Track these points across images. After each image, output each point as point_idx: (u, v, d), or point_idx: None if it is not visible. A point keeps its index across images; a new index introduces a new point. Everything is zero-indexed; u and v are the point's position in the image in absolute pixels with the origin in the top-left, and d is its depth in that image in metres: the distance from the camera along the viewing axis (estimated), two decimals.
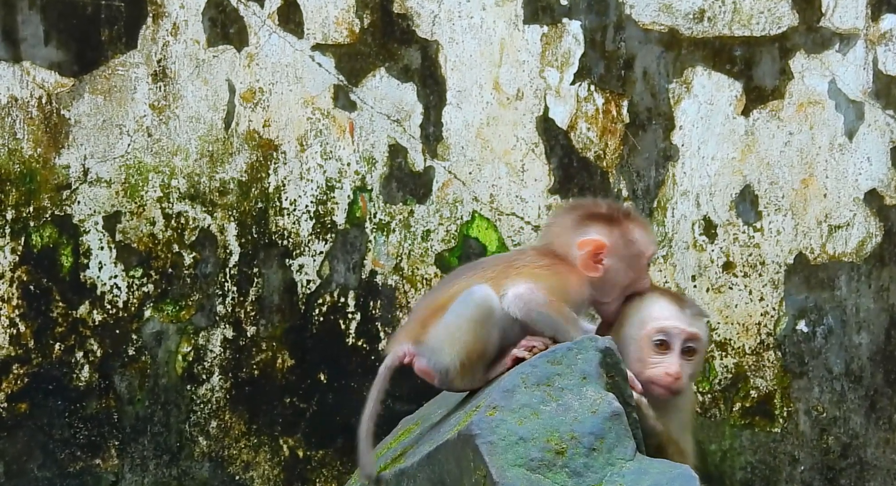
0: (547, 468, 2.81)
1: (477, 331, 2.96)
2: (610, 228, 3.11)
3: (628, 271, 3.10)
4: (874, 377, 4.03)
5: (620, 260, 3.09)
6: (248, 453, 4.11)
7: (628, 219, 3.14)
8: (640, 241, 3.12)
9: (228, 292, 4.13)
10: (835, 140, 4.06)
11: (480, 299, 2.97)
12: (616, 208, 3.15)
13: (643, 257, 3.13)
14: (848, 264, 4.05)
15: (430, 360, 3.01)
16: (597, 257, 3.08)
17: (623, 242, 3.10)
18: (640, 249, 3.12)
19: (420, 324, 3.06)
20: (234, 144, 4.13)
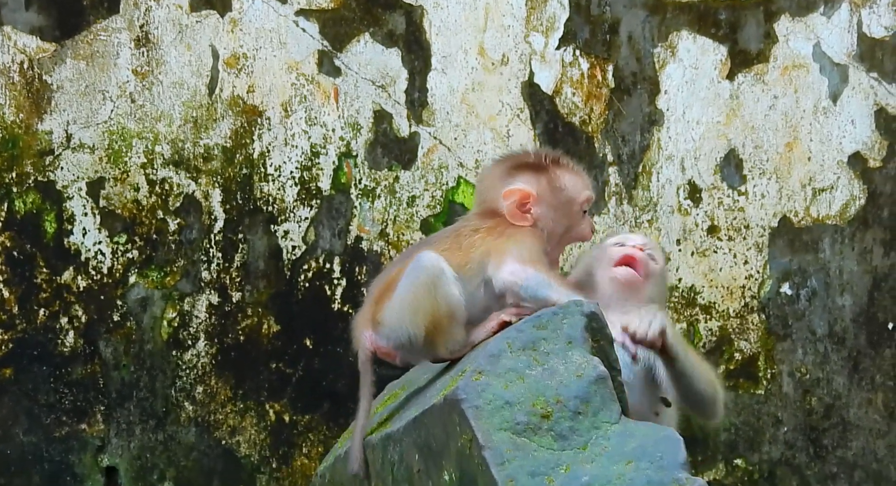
0: (533, 431, 2.81)
1: (435, 297, 2.94)
2: (536, 177, 3.04)
3: (562, 219, 3.04)
4: (857, 339, 4.05)
5: (550, 208, 3.03)
6: (235, 418, 4.12)
7: (556, 166, 3.05)
8: (570, 187, 3.04)
9: (213, 258, 4.12)
10: (819, 103, 4.07)
11: (429, 265, 2.94)
12: (543, 156, 3.07)
13: (574, 203, 3.05)
14: (832, 226, 4.06)
15: (390, 339, 2.99)
16: (524, 207, 3.02)
17: (550, 189, 3.03)
18: (570, 195, 3.04)
19: (374, 305, 3.03)
20: (219, 110, 4.12)
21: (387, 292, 3.00)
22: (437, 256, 2.95)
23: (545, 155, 3.07)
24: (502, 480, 2.75)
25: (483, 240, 3.00)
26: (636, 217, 4.07)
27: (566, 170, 3.05)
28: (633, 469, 2.76)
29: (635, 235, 3.27)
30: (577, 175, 3.06)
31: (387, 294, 2.99)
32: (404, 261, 3.04)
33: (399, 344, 2.99)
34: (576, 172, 3.06)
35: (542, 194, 3.02)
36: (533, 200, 3.02)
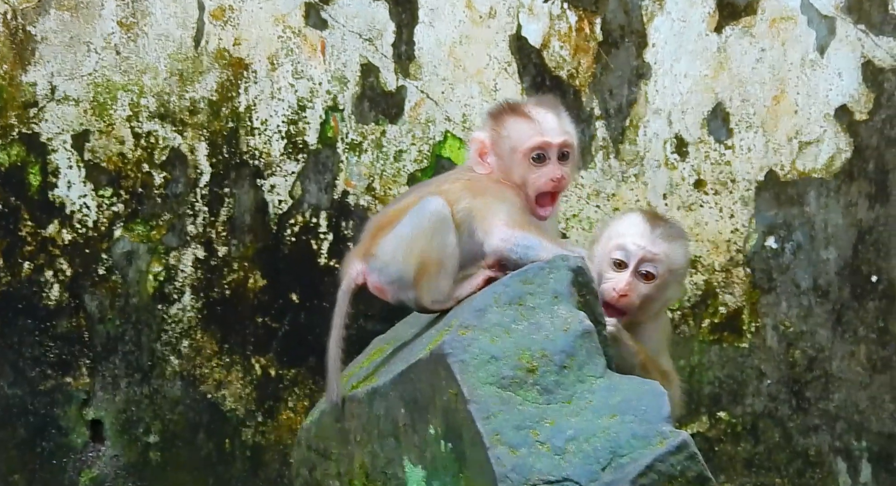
0: (518, 385, 2.83)
1: (432, 242, 2.95)
2: (493, 124, 2.99)
3: (510, 169, 2.96)
4: (841, 292, 4.07)
5: (499, 158, 2.98)
6: (220, 372, 4.13)
7: (511, 112, 2.98)
8: (513, 135, 2.96)
9: (199, 212, 4.12)
10: (806, 56, 4.06)
11: (434, 210, 2.95)
12: (507, 103, 3.00)
13: (517, 151, 2.96)
14: (817, 180, 4.07)
15: (382, 273, 3.01)
16: (482, 154, 3.00)
17: (498, 136, 2.98)
18: (512, 144, 2.96)
19: (370, 239, 3.05)
20: (204, 63, 4.09)
21: (385, 228, 3.01)
22: (444, 203, 2.96)
23: (506, 102, 3.02)
24: (488, 433, 2.77)
25: (464, 191, 2.99)
26: (623, 172, 4.07)
27: (518, 117, 2.97)
28: (618, 423, 2.79)
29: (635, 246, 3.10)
30: (529, 122, 2.96)
31: (385, 230, 3.00)
32: (404, 200, 3.05)
33: (389, 280, 3.00)
34: (529, 118, 2.96)
35: (491, 143, 2.99)
36: (486, 148, 2.99)
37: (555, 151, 2.97)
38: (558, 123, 2.99)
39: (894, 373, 4.04)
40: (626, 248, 3.10)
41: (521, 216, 2.96)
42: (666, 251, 3.11)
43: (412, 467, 2.96)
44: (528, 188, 2.99)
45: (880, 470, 4.05)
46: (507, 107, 2.99)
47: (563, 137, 2.99)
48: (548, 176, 2.97)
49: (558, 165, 2.97)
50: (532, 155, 2.97)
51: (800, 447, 4.08)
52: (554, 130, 2.98)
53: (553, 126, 2.98)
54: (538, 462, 2.75)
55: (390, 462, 3.00)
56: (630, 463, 2.73)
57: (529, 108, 2.99)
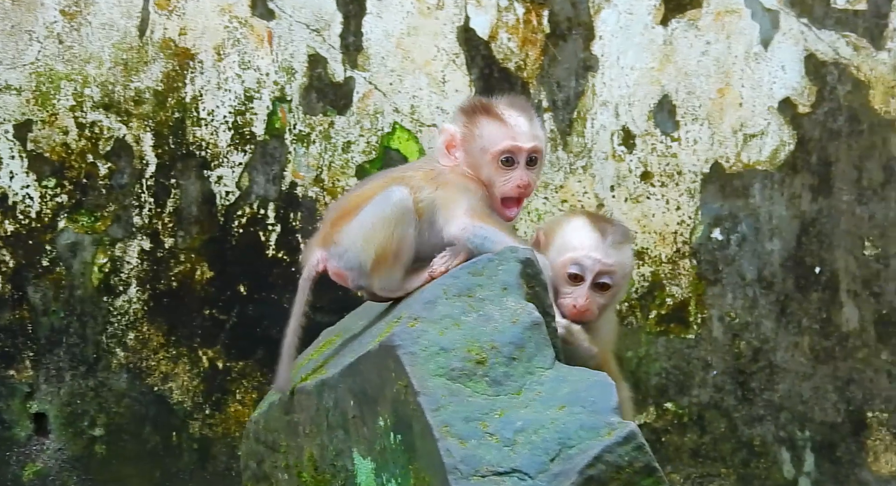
0: (468, 377, 2.83)
1: (394, 231, 2.95)
2: (466, 120, 3.00)
3: (481, 167, 2.98)
4: (785, 283, 4.10)
5: (468, 154, 2.99)
6: (167, 364, 4.10)
7: (485, 112, 2.99)
8: (486, 136, 2.97)
9: (145, 203, 4.09)
10: (751, 49, 4.09)
11: (399, 200, 2.96)
12: (481, 101, 3.01)
13: (487, 152, 2.97)
14: (762, 172, 4.10)
15: (343, 259, 3.01)
16: (450, 148, 3.00)
17: (469, 134, 2.99)
18: (483, 144, 2.97)
19: (331, 226, 3.05)
20: (150, 53, 4.06)
21: (347, 215, 3.01)
22: (408, 193, 2.96)
23: (480, 100, 3.02)
24: (437, 425, 2.77)
25: (428, 181, 3.00)
26: (571, 163, 4.08)
27: (492, 118, 2.98)
28: (566, 414, 2.79)
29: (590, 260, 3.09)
30: (502, 125, 2.97)
31: (347, 217, 3.01)
32: (366, 187, 3.05)
33: (349, 266, 3.01)
34: (503, 121, 2.97)
35: (462, 138, 2.99)
36: (455, 142, 3.00)
37: (524, 156, 2.98)
38: (529, 127, 3.00)
39: (837, 364, 4.08)
40: (580, 262, 3.09)
41: (481, 208, 2.97)
42: (619, 260, 3.11)
43: (361, 459, 2.95)
44: (495, 189, 3.00)
45: (823, 460, 4.09)
46: (481, 105, 2.99)
47: (534, 142, 2.99)
48: (515, 182, 2.99)
49: (526, 170, 2.99)
50: (501, 158, 2.98)
51: (745, 438, 4.11)
52: (525, 135, 2.99)
53: (524, 130, 2.99)
54: (487, 454, 2.75)
55: (339, 454, 3.00)
56: (578, 454, 2.74)
57: (503, 109, 3.00)
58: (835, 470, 4.07)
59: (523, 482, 2.73)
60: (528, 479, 2.73)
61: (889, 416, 4.04)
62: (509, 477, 2.73)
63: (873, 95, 4.06)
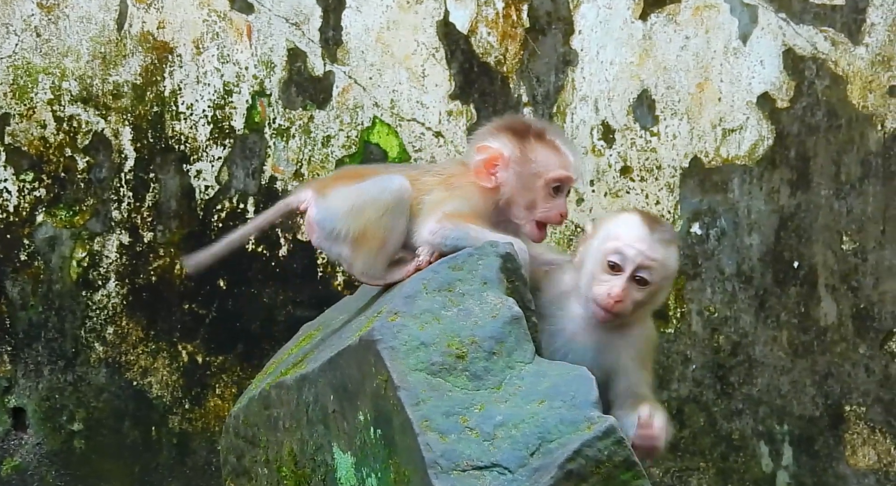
0: (448, 371, 2.83)
1: (381, 217, 2.95)
2: (515, 141, 3.01)
3: (524, 191, 2.99)
4: (763, 277, 4.12)
5: (516, 176, 2.99)
6: (146, 358, 4.09)
7: (539, 138, 3.02)
8: (541, 161, 2.99)
9: (124, 197, 4.08)
10: (729, 44, 4.09)
11: (397, 189, 2.96)
12: (533, 125, 3.04)
13: (540, 178, 2.99)
14: (741, 167, 4.11)
15: (322, 214, 3.00)
16: (491, 167, 3.00)
17: (522, 157, 3.00)
18: (538, 169, 2.99)
19: (332, 180, 3.06)
20: (128, 46, 4.05)
21: (350, 178, 3.02)
22: (408, 187, 2.97)
23: (533, 124, 3.04)
24: (417, 420, 2.77)
25: (436, 187, 3.00)
26: None
27: (546, 144, 3.00)
28: (546, 408, 2.80)
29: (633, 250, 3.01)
30: (556, 153, 3.00)
31: (348, 180, 3.01)
32: (382, 168, 3.08)
33: (323, 224, 3.00)
34: (557, 150, 3.00)
35: (511, 159, 2.99)
36: (502, 163, 2.99)
37: (569, 187, 3.04)
38: (576, 159, 3.05)
39: (815, 358, 4.10)
40: (622, 252, 3.01)
41: (466, 210, 2.97)
42: (663, 257, 3.04)
43: (341, 453, 2.96)
44: (534, 213, 3.01)
45: (801, 453, 4.11)
46: (534, 131, 3.01)
47: (579, 174, 3.06)
48: (558, 209, 3.01)
49: (565, 199, 3.03)
50: (553, 185, 3.00)
51: (724, 432, 4.13)
52: (576, 168, 3.04)
53: (575, 162, 3.04)
54: (467, 448, 2.75)
55: (319, 449, 3.00)
56: (558, 449, 2.74)
57: (554, 137, 3.03)
58: (813, 464, 4.09)
59: (503, 476, 2.73)
60: (507, 473, 2.73)
61: (867, 410, 4.06)
62: (489, 472, 2.73)
63: (851, 89, 4.08)
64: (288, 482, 3.06)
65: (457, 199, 2.99)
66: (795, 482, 4.08)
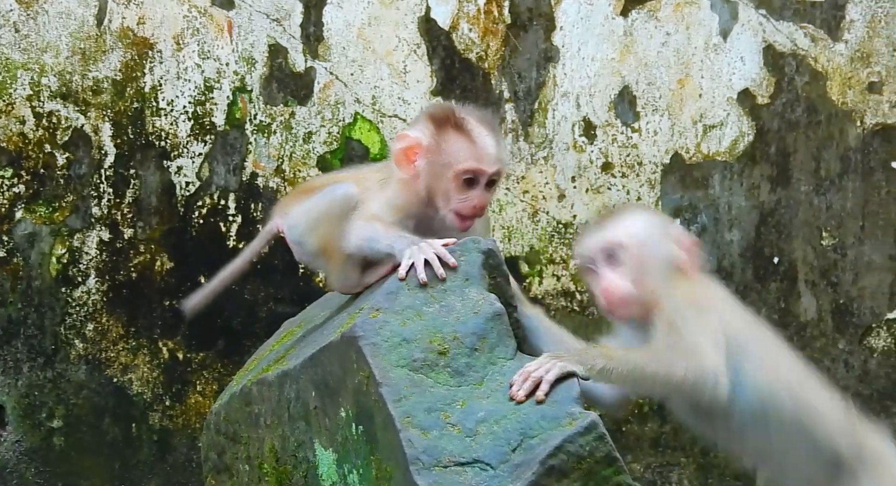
0: (430, 368, 2.83)
1: (336, 228, 2.95)
2: (432, 129, 2.92)
3: (438, 182, 2.90)
4: (744, 273, 4.13)
5: (430, 166, 2.91)
6: (127, 355, 4.08)
7: (456, 127, 2.91)
8: (453, 152, 2.89)
9: (104, 193, 4.06)
10: (710, 40, 4.10)
11: (341, 199, 2.95)
12: (454, 113, 2.93)
13: (450, 169, 2.89)
14: (721, 163, 4.12)
15: (290, 232, 3.03)
16: (411, 155, 2.92)
17: (436, 146, 2.91)
18: (450, 160, 2.89)
19: (292, 197, 3.09)
20: (108, 42, 4.03)
21: (306, 193, 3.03)
22: (352, 192, 2.96)
23: (455, 112, 2.94)
24: (399, 416, 2.77)
25: (374, 185, 2.99)
26: (532, 154, 4.09)
27: (461, 134, 2.90)
28: (528, 404, 2.80)
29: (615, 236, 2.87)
30: (470, 143, 2.90)
31: (304, 195, 3.03)
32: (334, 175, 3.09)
33: (294, 241, 3.03)
34: (472, 140, 2.90)
35: (427, 148, 2.92)
36: (419, 152, 2.92)
37: (485, 178, 2.93)
38: (496, 149, 2.94)
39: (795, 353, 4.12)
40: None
41: (385, 210, 2.93)
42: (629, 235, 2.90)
43: (323, 450, 2.95)
44: (449, 205, 2.94)
45: None
46: (452, 119, 2.92)
47: (497, 166, 2.94)
48: (472, 202, 2.92)
49: (484, 191, 2.93)
50: (464, 177, 2.91)
51: None
52: (491, 158, 2.92)
53: (490, 152, 2.92)
54: (449, 444, 2.75)
55: (301, 446, 2.99)
56: (540, 444, 2.74)
57: (473, 125, 2.93)
58: None
59: (485, 472, 2.73)
60: (489, 469, 2.73)
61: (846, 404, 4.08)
62: (471, 468, 2.73)
63: (831, 86, 4.09)
64: (269, 478, 3.05)
65: (383, 198, 2.95)
66: None
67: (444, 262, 2.89)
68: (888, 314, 4.07)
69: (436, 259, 2.89)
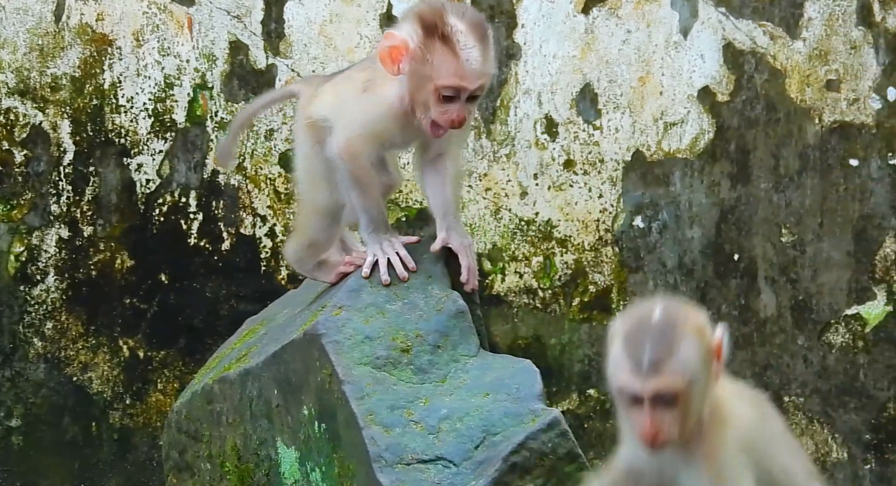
0: (392, 365, 2.84)
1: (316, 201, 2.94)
2: (420, 35, 2.80)
3: (419, 90, 2.80)
4: (705, 270, 4.14)
5: (413, 72, 2.81)
6: (87, 354, 4.06)
7: (443, 38, 2.79)
8: (435, 64, 2.76)
9: (63, 191, 4.04)
10: (670, 38, 4.12)
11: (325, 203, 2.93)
12: (444, 21, 2.79)
13: (429, 82, 2.77)
14: (682, 160, 4.13)
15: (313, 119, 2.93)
16: (397, 56, 2.82)
17: (421, 54, 2.80)
18: (430, 72, 2.77)
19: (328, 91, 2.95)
20: (66, 38, 4.01)
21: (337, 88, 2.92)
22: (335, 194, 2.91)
23: (446, 19, 2.80)
24: (362, 414, 2.77)
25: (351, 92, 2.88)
26: (494, 151, 4.09)
27: (447, 46, 2.78)
28: (491, 401, 2.81)
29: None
30: (453, 58, 2.77)
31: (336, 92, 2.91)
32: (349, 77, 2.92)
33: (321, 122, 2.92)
34: (456, 55, 2.78)
35: (413, 55, 2.81)
36: (405, 55, 2.81)
37: (466, 94, 2.82)
38: (481, 63, 2.80)
39: (755, 349, 4.13)
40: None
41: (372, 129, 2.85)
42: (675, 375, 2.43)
43: (285, 448, 2.95)
44: (428, 113, 2.83)
45: None
46: (441, 28, 2.78)
47: (480, 81, 2.81)
48: (450, 115, 2.80)
49: (464, 105, 2.82)
50: (444, 92, 2.80)
51: None
52: (473, 74, 2.79)
53: (474, 68, 2.79)
54: (412, 442, 2.76)
55: (263, 444, 2.99)
56: (503, 441, 2.76)
57: (460, 36, 2.79)
58: None
59: (448, 469, 2.74)
60: (452, 466, 2.74)
61: (805, 400, 4.10)
62: (434, 465, 2.74)
63: (789, 83, 4.11)
64: (231, 477, 3.05)
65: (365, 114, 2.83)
66: None
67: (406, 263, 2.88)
68: (846, 310, 4.10)
69: (398, 261, 2.89)
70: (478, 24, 2.83)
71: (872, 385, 4.05)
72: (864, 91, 4.05)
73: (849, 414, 4.06)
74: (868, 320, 4.07)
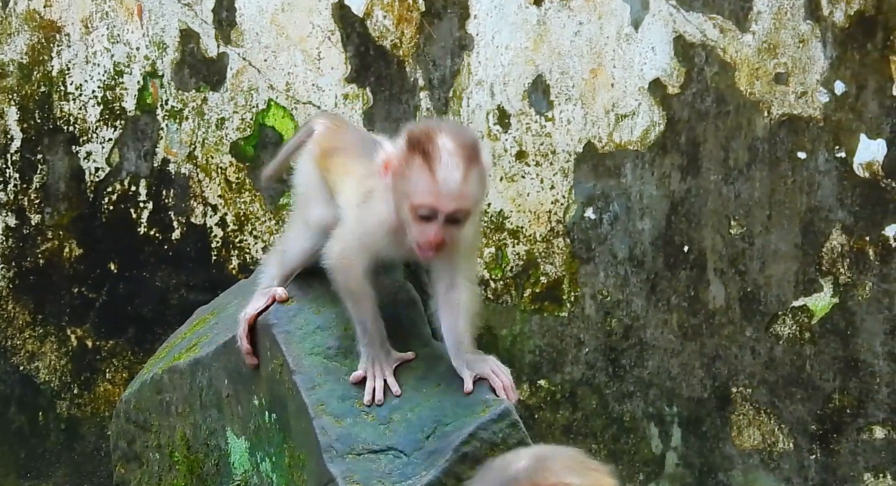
0: (344, 356, 2.84)
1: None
2: (405, 150, 2.74)
3: (400, 208, 2.74)
4: (655, 261, 4.16)
5: (394, 189, 2.75)
6: (33, 343, 4.03)
7: (424, 155, 2.69)
8: (412, 182, 2.69)
9: (10, 178, 4.00)
10: (622, 30, 4.13)
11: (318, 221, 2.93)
12: (429, 138, 2.71)
13: (407, 198, 2.70)
14: (633, 152, 4.15)
15: None
16: (386, 169, 2.76)
17: (402, 170, 2.73)
18: (408, 189, 2.70)
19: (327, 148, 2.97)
20: (13, 25, 3.97)
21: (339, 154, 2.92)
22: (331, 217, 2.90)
23: (429, 136, 2.72)
24: (312, 404, 2.77)
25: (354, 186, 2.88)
26: None
27: (426, 163, 2.69)
28: (442, 392, 2.82)
29: None
30: (430, 178, 2.68)
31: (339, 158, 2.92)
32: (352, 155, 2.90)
33: None
34: (434, 172, 2.68)
35: (395, 170, 2.75)
36: (389, 169, 2.75)
37: (443, 216, 2.71)
38: (460, 185, 2.70)
39: (704, 340, 4.16)
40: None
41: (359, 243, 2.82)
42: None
43: (235, 438, 2.94)
44: (411, 233, 2.75)
45: (689, 434, 4.17)
46: (425, 146, 2.71)
47: (455, 205, 2.70)
48: (427, 236, 2.70)
49: (445, 226, 2.70)
50: (418, 211, 2.71)
51: (615, 414, 4.17)
52: (449, 196, 2.69)
53: (451, 188, 2.69)
54: (363, 432, 2.76)
55: (213, 434, 2.98)
56: (454, 432, 2.76)
57: (442, 154, 2.70)
58: (700, 445, 4.15)
59: (399, 459, 2.74)
60: (403, 456, 2.74)
61: (752, 391, 4.13)
62: (385, 455, 2.74)
63: (739, 76, 4.13)
64: (180, 467, 3.04)
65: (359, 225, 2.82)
66: (683, 463, 4.14)
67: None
68: (794, 302, 4.13)
69: (381, 387, 2.83)
70: (468, 145, 2.74)
71: (818, 377, 4.09)
72: (811, 84, 4.08)
73: (795, 405, 4.09)
74: (815, 312, 4.10)
